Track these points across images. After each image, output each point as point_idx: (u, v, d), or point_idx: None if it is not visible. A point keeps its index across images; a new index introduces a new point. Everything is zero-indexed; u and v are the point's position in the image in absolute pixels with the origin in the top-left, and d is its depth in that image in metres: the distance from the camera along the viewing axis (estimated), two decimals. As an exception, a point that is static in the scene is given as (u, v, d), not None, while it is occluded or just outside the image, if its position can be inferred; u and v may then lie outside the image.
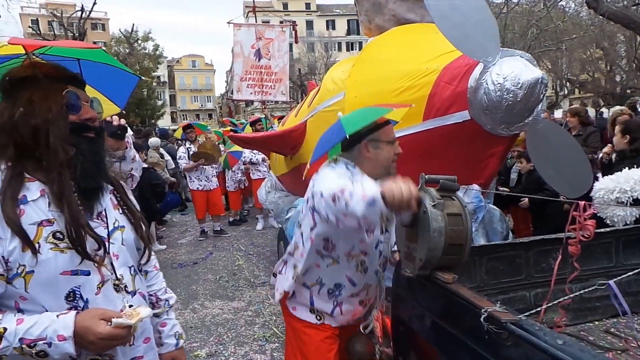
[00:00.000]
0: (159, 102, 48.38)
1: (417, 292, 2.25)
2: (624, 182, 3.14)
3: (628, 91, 22.97)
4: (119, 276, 1.44)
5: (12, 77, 1.38)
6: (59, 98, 1.37)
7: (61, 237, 1.31)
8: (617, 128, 4.33)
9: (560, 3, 19.00)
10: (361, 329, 2.45)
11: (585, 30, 20.24)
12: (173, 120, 63.56)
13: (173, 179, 9.67)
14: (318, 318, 2.32)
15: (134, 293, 1.49)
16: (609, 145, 4.85)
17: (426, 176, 1.91)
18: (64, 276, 1.32)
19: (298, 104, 6.48)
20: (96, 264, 1.38)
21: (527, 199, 5.37)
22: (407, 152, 3.10)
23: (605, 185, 3.22)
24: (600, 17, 12.62)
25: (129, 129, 2.84)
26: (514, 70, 2.69)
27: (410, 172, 3.19)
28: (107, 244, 1.41)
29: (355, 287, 2.28)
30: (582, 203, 2.27)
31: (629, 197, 3.13)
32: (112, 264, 1.43)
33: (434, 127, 3.02)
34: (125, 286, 1.46)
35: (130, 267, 1.50)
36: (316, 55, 43.65)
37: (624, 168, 3.33)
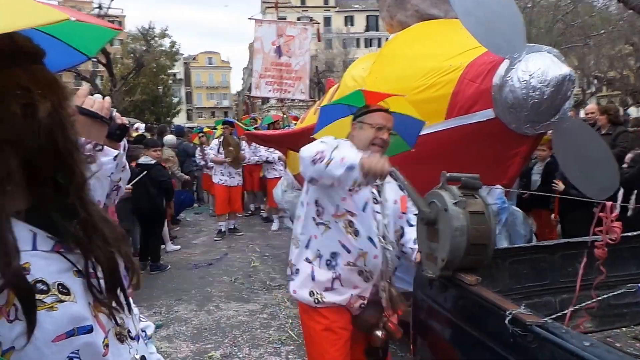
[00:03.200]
0: (175, 100, 48.80)
1: (438, 294, 2.20)
2: None
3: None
4: (119, 321, 0.99)
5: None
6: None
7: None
8: None
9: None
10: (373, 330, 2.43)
11: (614, 25, 19.72)
12: (189, 118, 64.06)
13: (187, 177, 9.70)
14: (316, 301, 2.42)
15: (137, 337, 1.08)
16: None
17: (448, 174, 1.85)
18: (57, 344, 0.84)
19: (316, 102, 6.44)
20: (93, 313, 0.92)
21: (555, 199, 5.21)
22: (428, 150, 3.06)
23: None
24: (630, 11, 12.26)
25: (137, 128, 2.80)
26: (540, 67, 2.61)
27: (432, 171, 3.15)
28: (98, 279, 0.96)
29: (350, 254, 2.39)
30: (608, 204, 2.20)
31: None
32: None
33: (457, 125, 2.95)
34: (129, 331, 1.04)
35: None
36: (334, 52, 43.49)
37: None
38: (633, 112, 19.99)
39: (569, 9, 18.52)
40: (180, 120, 50.70)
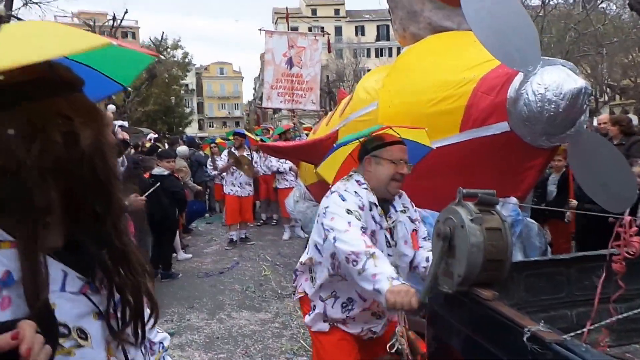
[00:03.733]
0: (187, 110, 49.24)
1: (454, 309, 2.18)
2: None
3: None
4: (129, 357, 0.96)
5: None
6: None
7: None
8: None
9: (600, 5, 18.46)
10: (387, 349, 2.42)
11: (627, 33, 19.54)
12: (200, 127, 64.55)
13: (199, 187, 9.75)
14: (331, 324, 2.46)
15: None
16: None
17: (464, 190, 1.85)
18: None
19: (326, 112, 6.46)
20: (107, 356, 0.90)
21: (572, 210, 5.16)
22: (443, 163, 3.07)
23: None
24: None
25: (151, 139, 2.83)
26: (555, 80, 2.60)
27: (447, 183, 3.15)
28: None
29: (366, 302, 2.37)
30: (627, 218, 2.17)
31: None
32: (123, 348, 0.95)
33: (472, 138, 2.95)
34: None
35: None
36: (345, 61, 43.63)
37: None
38: None
39: (581, 17, 18.40)
40: (192, 130, 51.14)
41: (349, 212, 2.18)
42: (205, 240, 9.27)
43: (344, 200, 2.24)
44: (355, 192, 2.30)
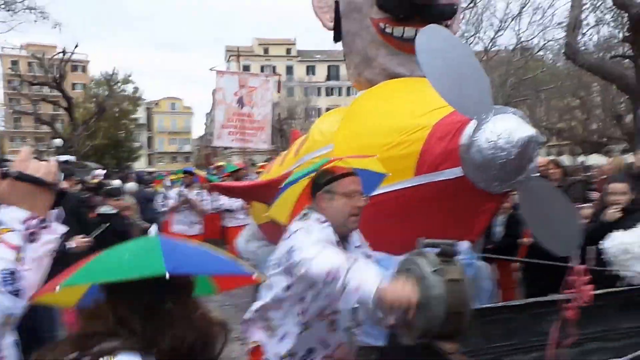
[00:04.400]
0: (136, 144, 48.23)
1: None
2: None
3: (604, 139, 23.75)
4: None
5: None
6: None
7: None
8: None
9: (538, 53, 19.76)
10: None
11: (562, 79, 20.93)
12: (149, 162, 63.28)
13: (146, 224, 9.39)
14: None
15: None
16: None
17: (425, 240, 1.82)
18: None
19: (278, 149, 6.44)
20: None
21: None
22: (397, 207, 3.07)
23: (624, 240, 3.25)
24: (577, 67, 13.12)
25: (97, 176, 2.67)
26: (507, 128, 2.67)
27: (402, 226, 3.14)
28: None
29: (328, 349, 2.29)
30: (580, 267, 2.22)
31: None
32: None
33: (426, 182, 2.97)
34: None
35: None
36: (296, 99, 44.23)
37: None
38: (594, 160, 21.04)
39: (521, 64, 19.61)
40: (140, 165, 49.91)
41: (318, 242, 2.09)
42: (151, 280, 8.85)
43: (309, 234, 2.14)
44: (320, 230, 2.21)
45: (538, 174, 3.33)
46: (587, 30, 15.13)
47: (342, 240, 2.35)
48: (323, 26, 4.12)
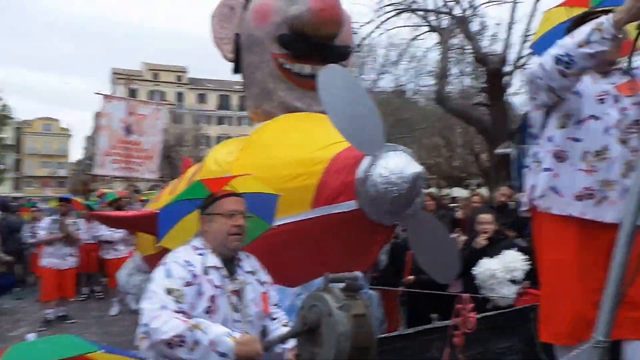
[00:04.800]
0: (1, 167, 43.59)
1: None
2: (510, 262, 3.74)
3: (464, 174, 26.54)
4: None
5: None
6: None
7: None
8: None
9: (413, 97, 21.73)
10: None
11: (432, 121, 23.13)
12: (16, 187, 57.28)
13: (8, 257, 8.46)
14: None
15: None
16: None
17: (330, 275, 1.85)
18: None
19: (165, 178, 6.20)
20: None
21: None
22: (295, 238, 3.10)
23: (490, 267, 3.57)
24: (445, 111, 14.80)
25: None
26: (398, 165, 2.84)
27: (299, 259, 3.16)
28: None
29: None
30: (465, 296, 2.40)
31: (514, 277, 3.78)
32: None
33: (323, 215, 3.03)
34: None
35: None
36: (185, 126, 43.06)
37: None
38: (456, 192, 23.41)
39: (399, 105, 21.34)
40: (4, 189, 44.86)
41: (168, 291, 2.05)
42: (12, 320, 7.86)
43: (168, 277, 2.10)
44: (187, 262, 2.17)
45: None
46: (453, 80, 17.10)
47: (231, 264, 2.32)
48: (223, 57, 4.11)
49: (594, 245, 2.34)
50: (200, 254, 2.22)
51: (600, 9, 2.59)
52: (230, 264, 2.31)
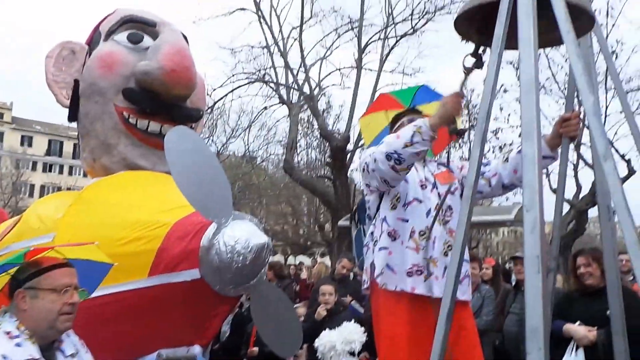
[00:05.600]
0: None
1: None
2: (348, 333, 4.02)
3: (309, 243, 27.44)
4: None
5: None
6: None
7: None
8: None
9: (262, 163, 22.25)
10: None
11: (280, 189, 23.81)
12: None
13: None
14: None
15: None
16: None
17: (164, 352, 1.69)
18: None
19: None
20: None
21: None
22: (127, 308, 2.82)
23: (330, 339, 3.93)
24: (292, 180, 15.47)
25: None
26: (244, 234, 2.79)
27: (131, 331, 2.87)
28: None
29: None
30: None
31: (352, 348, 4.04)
32: None
33: (161, 283, 2.82)
34: None
35: None
36: (3, 171, 37.86)
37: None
38: (302, 260, 24.04)
39: (247, 170, 21.62)
40: None
41: None
42: None
43: None
44: (4, 357, 1.76)
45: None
46: (300, 152, 18.21)
47: (48, 349, 1.96)
48: (57, 102, 3.73)
49: (424, 319, 2.53)
50: (18, 345, 1.81)
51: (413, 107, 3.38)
52: (49, 350, 1.94)
